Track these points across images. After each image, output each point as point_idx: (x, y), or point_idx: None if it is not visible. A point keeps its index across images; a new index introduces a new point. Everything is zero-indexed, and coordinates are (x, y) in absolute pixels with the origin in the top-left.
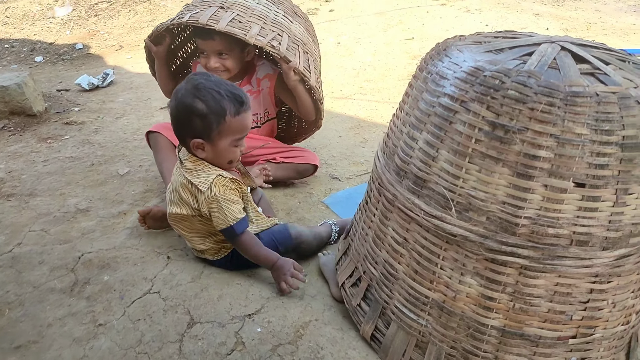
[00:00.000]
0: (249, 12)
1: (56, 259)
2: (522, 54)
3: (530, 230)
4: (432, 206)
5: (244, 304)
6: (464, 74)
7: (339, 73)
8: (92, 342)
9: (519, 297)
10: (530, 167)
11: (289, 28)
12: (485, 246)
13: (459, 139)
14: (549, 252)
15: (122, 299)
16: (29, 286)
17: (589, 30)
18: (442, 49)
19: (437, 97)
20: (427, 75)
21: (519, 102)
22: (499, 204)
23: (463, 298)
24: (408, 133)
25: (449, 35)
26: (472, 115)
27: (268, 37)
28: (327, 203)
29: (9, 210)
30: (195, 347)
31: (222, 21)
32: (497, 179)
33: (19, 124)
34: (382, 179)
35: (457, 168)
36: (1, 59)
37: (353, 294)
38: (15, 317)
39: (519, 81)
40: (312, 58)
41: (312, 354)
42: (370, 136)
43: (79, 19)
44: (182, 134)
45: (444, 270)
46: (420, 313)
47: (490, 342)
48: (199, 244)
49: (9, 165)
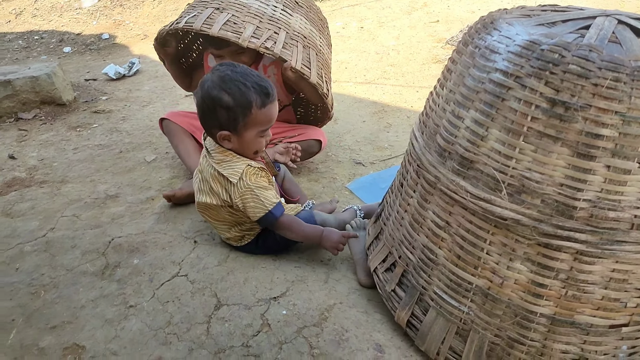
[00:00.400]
0: (244, 11)
1: (88, 243)
2: (577, 28)
3: (589, 214)
4: (479, 188)
5: (269, 286)
6: (519, 48)
7: (362, 58)
8: (123, 323)
9: (572, 283)
10: (592, 147)
11: (287, 23)
12: (538, 230)
13: (512, 117)
14: (607, 237)
15: (151, 281)
16: (63, 269)
17: (623, 9)
18: (489, 22)
19: (487, 73)
20: (475, 50)
21: (581, 78)
22: (556, 185)
23: (511, 285)
24: (453, 111)
25: (475, 17)
26: (529, 92)
27: (263, 38)
28: (351, 188)
29: (42, 197)
30: (223, 329)
31: (215, 25)
32: (555, 159)
33: (49, 113)
34: (421, 160)
35: (509, 148)
36: (31, 50)
37: (387, 280)
38: (50, 299)
39: (581, 55)
40: (315, 51)
41: (337, 336)
42: (394, 121)
43: (105, 9)
44: (208, 125)
45: (491, 255)
46: (462, 300)
47: (538, 331)
48: (224, 231)
49: (41, 154)
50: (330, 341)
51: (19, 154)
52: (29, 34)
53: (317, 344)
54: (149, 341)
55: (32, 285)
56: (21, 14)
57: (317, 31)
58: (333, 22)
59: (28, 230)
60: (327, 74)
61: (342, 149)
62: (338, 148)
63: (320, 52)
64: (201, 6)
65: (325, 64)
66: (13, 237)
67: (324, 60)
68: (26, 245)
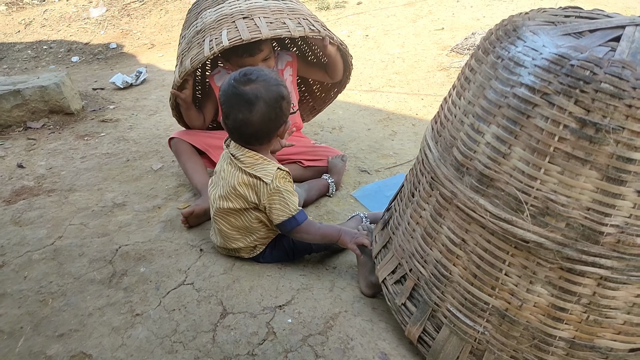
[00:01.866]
0: (268, 10)
1: (95, 251)
2: (607, 39)
3: (616, 240)
4: (499, 208)
5: (274, 295)
6: (546, 62)
7: (367, 66)
8: (129, 331)
9: (594, 308)
10: (623, 171)
11: (294, 9)
12: (562, 255)
13: (538, 136)
14: (634, 263)
15: (157, 289)
16: (70, 277)
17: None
18: (512, 30)
19: (511, 87)
20: (497, 61)
21: (614, 98)
22: (582, 209)
23: (530, 307)
24: (472, 125)
25: (480, 24)
26: (557, 110)
27: (303, 25)
28: (356, 196)
29: (50, 205)
30: (228, 337)
31: (262, 28)
32: (582, 182)
33: (57, 122)
34: (435, 173)
35: (534, 168)
36: (40, 59)
37: (397, 292)
38: (58, 307)
39: (614, 73)
40: (312, 17)
41: (342, 345)
42: (399, 129)
43: (113, 19)
44: (271, 130)
45: (510, 277)
46: (477, 319)
47: (556, 354)
48: (236, 241)
49: (49, 162)
50: (335, 350)
51: (28, 162)
52: (37, 44)
53: (323, 353)
54: (155, 349)
55: (41, 293)
56: (30, 24)
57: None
58: (338, 31)
59: (36, 238)
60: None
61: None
62: None
63: (312, 15)
64: (221, 22)
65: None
66: (22, 245)
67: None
68: (34, 254)
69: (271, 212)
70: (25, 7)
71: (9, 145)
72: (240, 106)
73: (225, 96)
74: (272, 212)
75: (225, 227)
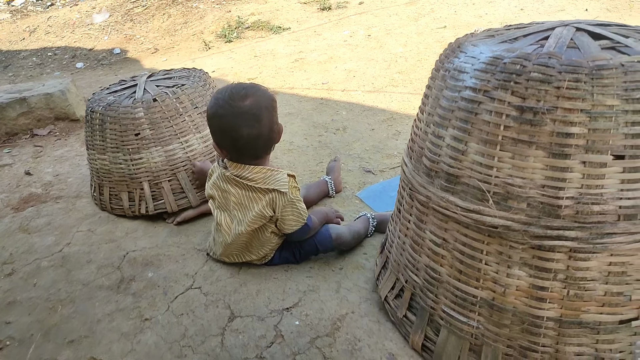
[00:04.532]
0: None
1: (103, 257)
2: (537, 39)
3: (575, 211)
4: (468, 201)
5: (281, 297)
6: (483, 65)
7: (370, 66)
8: (139, 336)
9: (571, 282)
10: (565, 146)
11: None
12: (529, 233)
13: (487, 129)
14: (597, 231)
15: (165, 294)
16: (79, 284)
17: (632, 10)
18: (456, 47)
19: (459, 92)
20: (445, 73)
21: (543, 83)
22: (538, 188)
23: (513, 292)
24: (433, 132)
25: (482, 21)
26: (498, 103)
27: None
28: (361, 197)
29: (58, 212)
30: (237, 341)
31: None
32: (532, 163)
33: (63, 128)
34: (412, 184)
35: (489, 158)
36: (45, 66)
37: (397, 306)
38: (67, 314)
39: (541, 62)
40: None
41: (350, 346)
42: (403, 128)
43: (116, 25)
44: (275, 134)
45: (489, 265)
46: (469, 314)
47: (548, 335)
48: (249, 255)
49: (56, 169)
50: (343, 351)
51: (35, 169)
52: (42, 51)
53: (330, 354)
54: (165, 354)
55: (50, 300)
56: (35, 31)
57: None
58: (340, 31)
59: (45, 245)
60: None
61: (351, 158)
62: (347, 157)
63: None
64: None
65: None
66: (30, 252)
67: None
68: (43, 261)
69: (284, 222)
70: (29, 15)
71: (16, 153)
72: (248, 122)
73: (225, 118)
74: (284, 222)
75: (239, 248)
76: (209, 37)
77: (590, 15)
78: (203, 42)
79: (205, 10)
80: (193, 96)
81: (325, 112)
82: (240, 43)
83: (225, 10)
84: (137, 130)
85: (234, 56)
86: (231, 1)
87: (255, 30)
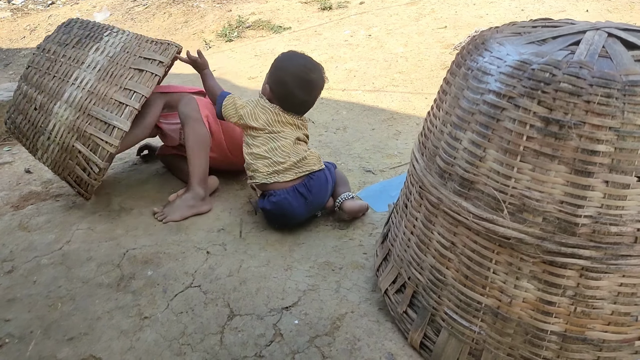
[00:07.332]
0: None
1: (103, 255)
2: (567, 44)
3: (592, 230)
4: (481, 208)
5: (281, 296)
6: (510, 69)
7: (370, 65)
8: (138, 334)
9: (580, 300)
10: (589, 163)
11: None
12: (542, 248)
13: (508, 137)
14: (612, 252)
15: (165, 292)
16: (79, 281)
17: (632, 11)
18: (480, 43)
19: (481, 95)
20: (467, 72)
21: (573, 95)
22: (556, 203)
23: (519, 303)
24: (450, 133)
25: (483, 22)
26: (522, 112)
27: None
28: (361, 196)
29: (58, 210)
30: (236, 339)
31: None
32: (553, 177)
33: None
34: (423, 182)
35: (507, 168)
36: None
37: (398, 301)
38: (67, 311)
39: (571, 73)
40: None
41: (349, 345)
42: (403, 128)
43: (117, 23)
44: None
45: (498, 274)
46: (472, 319)
47: (550, 348)
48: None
49: None
50: (342, 350)
51: (35, 167)
52: None
53: (330, 354)
54: (164, 352)
55: (50, 298)
56: (35, 29)
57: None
58: (341, 31)
59: (45, 243)
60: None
61: (351, 157)
62: (347, 156)
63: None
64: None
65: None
66: (30, 250)
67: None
68: (43, 258)
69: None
70: (30, 13)
71: (17, 151)
72: (319, 89)
73: (319, 85)
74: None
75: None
76: (210, 36)
77: (590, 16)
78: (204, 41)
79: (206, 10)
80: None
81: (325, 112)
82: (241, 42)
83: (226, 9)
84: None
85: (234, 55)
86: (232, 0)
87: (256, 30)
